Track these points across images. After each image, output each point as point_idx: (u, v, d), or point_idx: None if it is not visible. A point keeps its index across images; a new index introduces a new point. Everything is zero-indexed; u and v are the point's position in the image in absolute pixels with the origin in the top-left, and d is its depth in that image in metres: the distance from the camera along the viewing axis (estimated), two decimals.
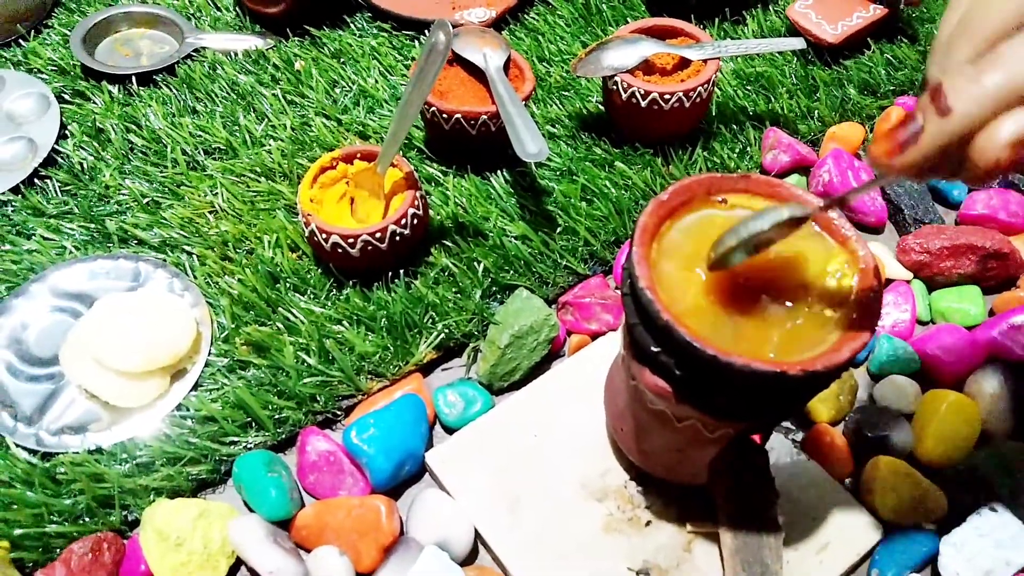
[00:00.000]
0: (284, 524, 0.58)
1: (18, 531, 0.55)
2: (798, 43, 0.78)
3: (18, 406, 0.62)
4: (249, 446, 0.61)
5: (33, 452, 0.60)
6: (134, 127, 0.81)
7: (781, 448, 0.60)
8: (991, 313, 0.71)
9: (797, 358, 0.41)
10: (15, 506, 0.56)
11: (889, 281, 0.72)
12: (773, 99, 0.86)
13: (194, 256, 0.71)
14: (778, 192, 0.47)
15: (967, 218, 0.76)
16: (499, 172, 0.77)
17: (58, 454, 0.60)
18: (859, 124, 0.84)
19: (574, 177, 0.77)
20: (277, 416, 0.61)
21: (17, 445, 0.60)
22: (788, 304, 0.44)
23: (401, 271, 0.69)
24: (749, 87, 0.87)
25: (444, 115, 0.73)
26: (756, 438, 0.54)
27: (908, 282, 0.72)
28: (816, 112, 0.85)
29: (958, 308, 0.69)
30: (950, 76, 0.34)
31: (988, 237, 0.71)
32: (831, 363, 0.40)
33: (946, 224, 0.76)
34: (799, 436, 0.62)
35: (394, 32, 0.93)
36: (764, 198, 0.48)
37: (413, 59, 0.90)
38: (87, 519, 0.57)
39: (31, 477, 0.58)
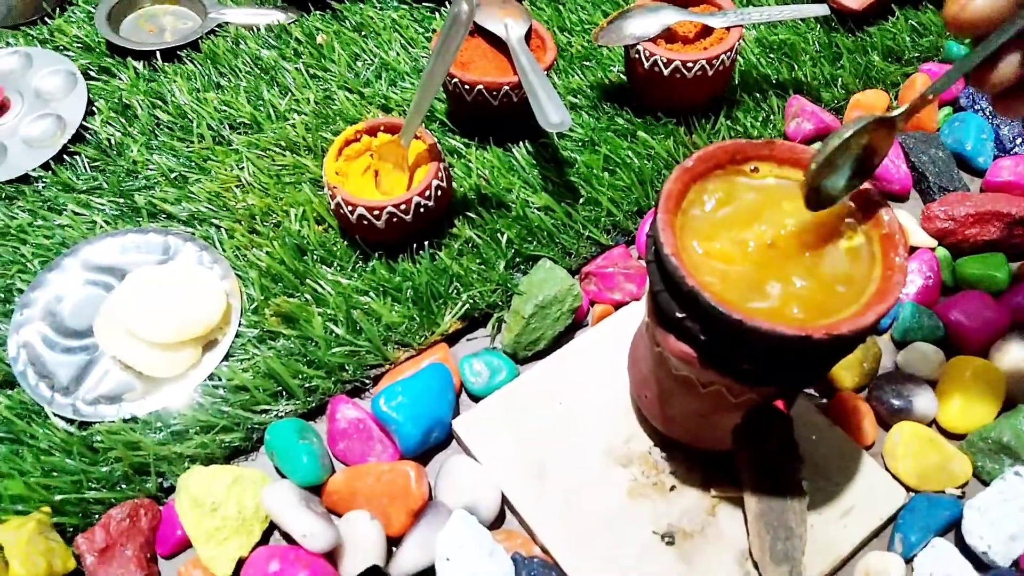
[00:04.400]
0: (315, 490, 0.59)
1: (59, 497, 0.56)
2: (822, 10, 0.78)
3: (55, 377, 0.63)
4: (280, 414, 0.62)
5: (71, 421, 0.61)
6: (160, 103, 0.82)
7: (805, 414, 0.60)
8: (1016, 280, 0.70)
9: (823, 321, 0.41)
10: (55, 473, 0.58)
11: (914, 248, 0.72)
12: (796, 67, 0.85)
13: (222, 229, 0.72)
14: (803, 159, 0.47)
15: (992, 185, 0.76)
16: (521, 143, 0.78)
17: (95, 423, 0.61)
18: (883, 91, 0.83)
19: (596, 147, 0.77)
20: (307, 385, 0.63)
21: (55, 414, 0.61)
22: (808, 272, 0.45)
23: (425, 242, 0.69)
24: (772, 55, 0.87)
25: (466, 86, 0.73)
26: (780, 404, 0.55)
27: (933, 249, 0.72)
28: (840, 80, 0.85)
29: (983, 275, 0.69)
30: None
31: (1014, 204, 0.70)
32: (856, 327, 0.40)
33: (971, 191, 0.75)
34: (823, 402, 0.62)
35: (415, 4, 0.93)
36: (789, 166, 0.48)
37: (434, 31, 0.90)
38: (124, 486, 0.58)
39: (69, 445, 0.59)
